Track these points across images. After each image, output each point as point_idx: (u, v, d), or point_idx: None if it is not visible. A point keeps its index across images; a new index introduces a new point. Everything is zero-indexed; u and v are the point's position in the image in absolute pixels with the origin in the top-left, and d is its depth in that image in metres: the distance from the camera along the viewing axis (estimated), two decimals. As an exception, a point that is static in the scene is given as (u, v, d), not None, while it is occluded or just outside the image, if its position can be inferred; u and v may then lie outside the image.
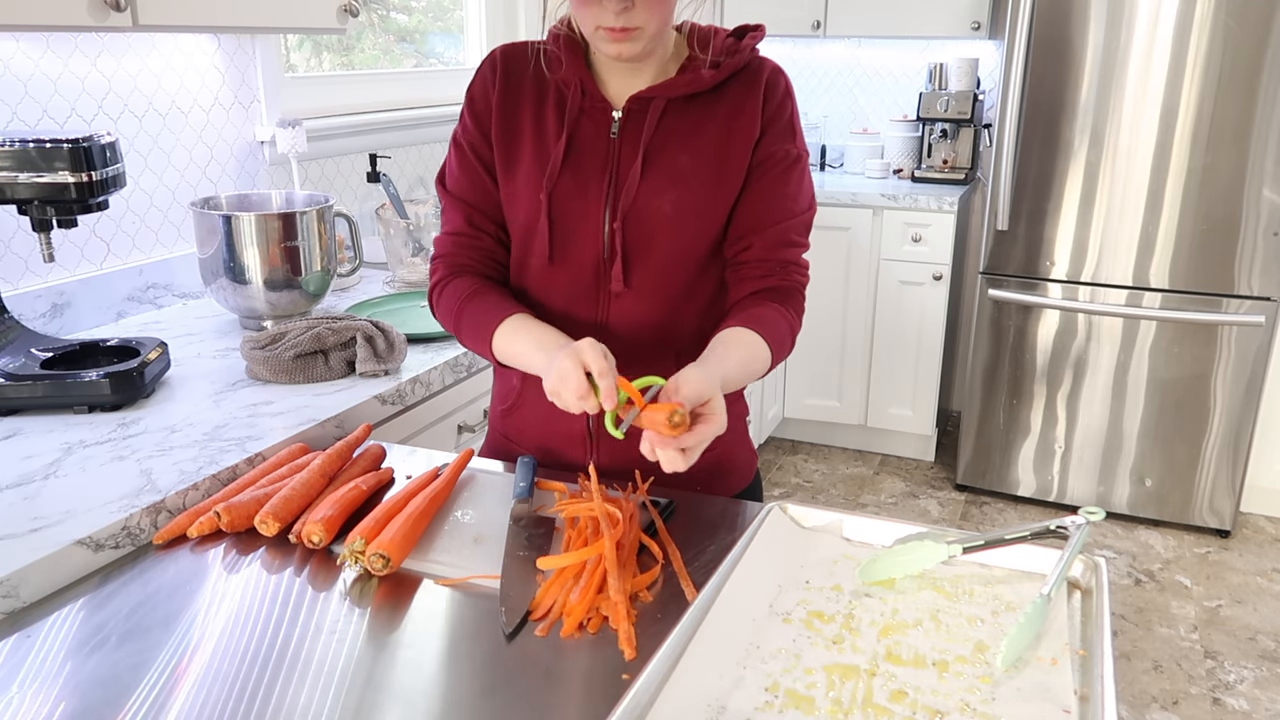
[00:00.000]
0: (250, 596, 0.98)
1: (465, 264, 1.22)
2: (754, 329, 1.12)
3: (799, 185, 1.20)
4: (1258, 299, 2.91)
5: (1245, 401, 2.99)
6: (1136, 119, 2.90)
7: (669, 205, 1.15)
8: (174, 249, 1.95)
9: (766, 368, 1.14)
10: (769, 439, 3.80)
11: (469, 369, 1.67)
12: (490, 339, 1.15)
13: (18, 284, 1.66)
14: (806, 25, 3.56)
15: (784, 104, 1.18)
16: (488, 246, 1.22)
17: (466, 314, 1.18)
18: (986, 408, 3.30)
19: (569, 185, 1.16)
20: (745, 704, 0.80)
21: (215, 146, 2.03)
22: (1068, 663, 0.86)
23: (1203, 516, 3.12)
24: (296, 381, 1.48)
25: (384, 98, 2.59)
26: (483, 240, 1.22)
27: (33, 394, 1.33)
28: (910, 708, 0.80)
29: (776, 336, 1.14)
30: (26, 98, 1.64)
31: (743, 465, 1.34)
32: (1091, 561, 0.98)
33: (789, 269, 1.19)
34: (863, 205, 3.40)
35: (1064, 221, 3.06)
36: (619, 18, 1.05)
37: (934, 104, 3.58)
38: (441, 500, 1.13)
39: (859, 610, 0.94)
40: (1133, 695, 2.38)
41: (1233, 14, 2.74)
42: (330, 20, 1.78)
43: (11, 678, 0.85)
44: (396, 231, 2.06)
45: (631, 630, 0.91)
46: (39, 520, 1.06)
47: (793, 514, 1.09)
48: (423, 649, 0.90)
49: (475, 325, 1.17)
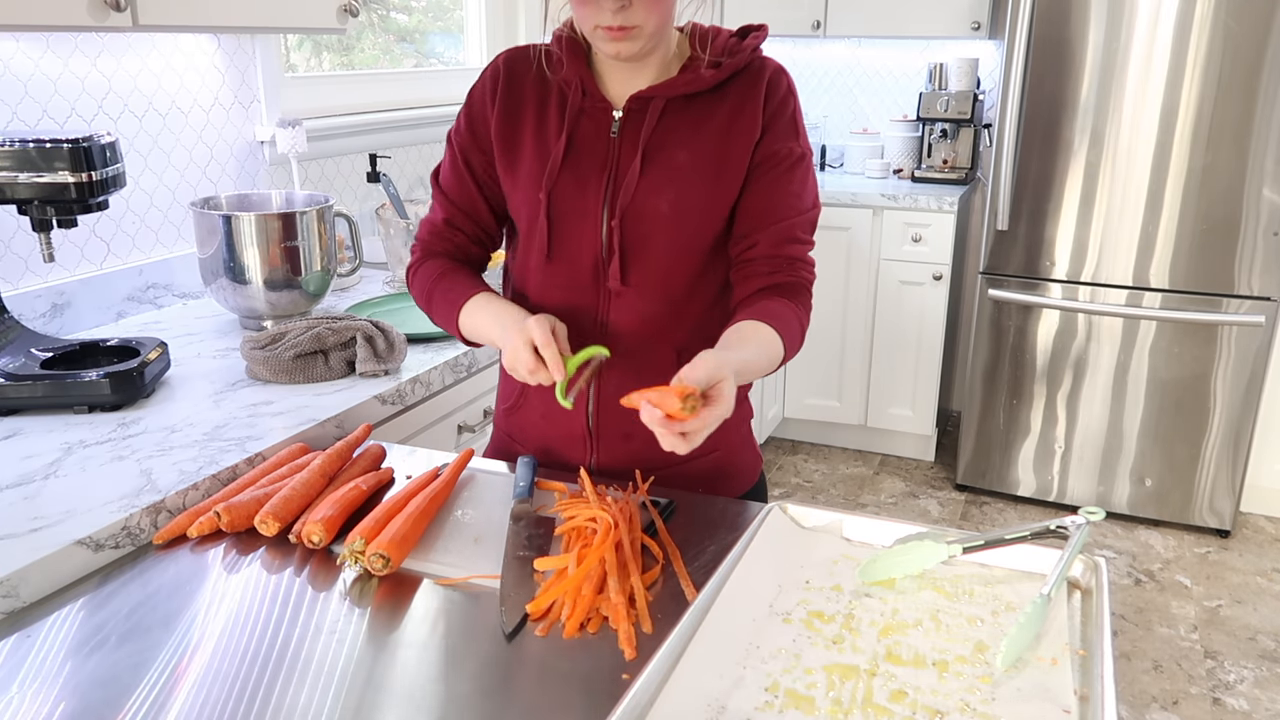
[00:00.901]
0: (250, 596, 0.98)
1: (439, 250, 1.27)
2: (766, 322, 1.11)
3: (803, 183, 1.19)
4: (1258, 299, 2.91)
5: (1245, 401, 2.99)
6: (1136, 119, 2.90)
7: (666, 204, 1.16)
8: (174, 249, 1.95)
9: (780, 360, 1.13)
10: (769, 439, 3.80)
11: (469, 369, 1.67)
12: (457, 316, 1.21)
13: (18, 284, 1.66)
14: (806, 25, 3.56)
15: (786, 102, 1.18)
16: (461, 243, 1.28)
17: (437, 292, 1.23)
18: (986, 408, 3.30)
19: (568, 184, 1.17)
20: (745, 704, 0.80)
21: (215, 146, 2.03)
22: (1068, 663, 0.86)
23: (1203, 516, 3.12)
24: (296, 381, 1.48)
25: (384, 98, 2.59)
26: (457, 237, 1.27)
27: (33, 394, 1.33)
28: (910, 708, 0.80)
29: (788, 330, 1.13)
30: (26, 98, 1.65)
31: (747, 468, 1.34)
32: (1091, 561, 0.98)
33: (795, 265, 1.19)
34: (863, 205, 3.40)
35: (1064, 221, 3.06)
36: (616, 16, 1.06)
37: (934, 104, 3.58)
38: (441, 500, 1.13)
39: (859, 610, 0.94)
40: (1133, 695, 2.38)
41: (1233, 14, 2.74)
42: (330, 20, 1.78)
43: (11, 678, 0.85)
44: (396, 231, 2.06)
45: (631, 630, 0.91)
46: (39, 520, 1.06)
47: (793, 514, 1.09)
48: (423, 649, 0.90)
49: (444, 303, 1.22)
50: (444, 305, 1.22)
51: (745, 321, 1.12)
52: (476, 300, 1.20)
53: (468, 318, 1.20)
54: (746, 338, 1.10)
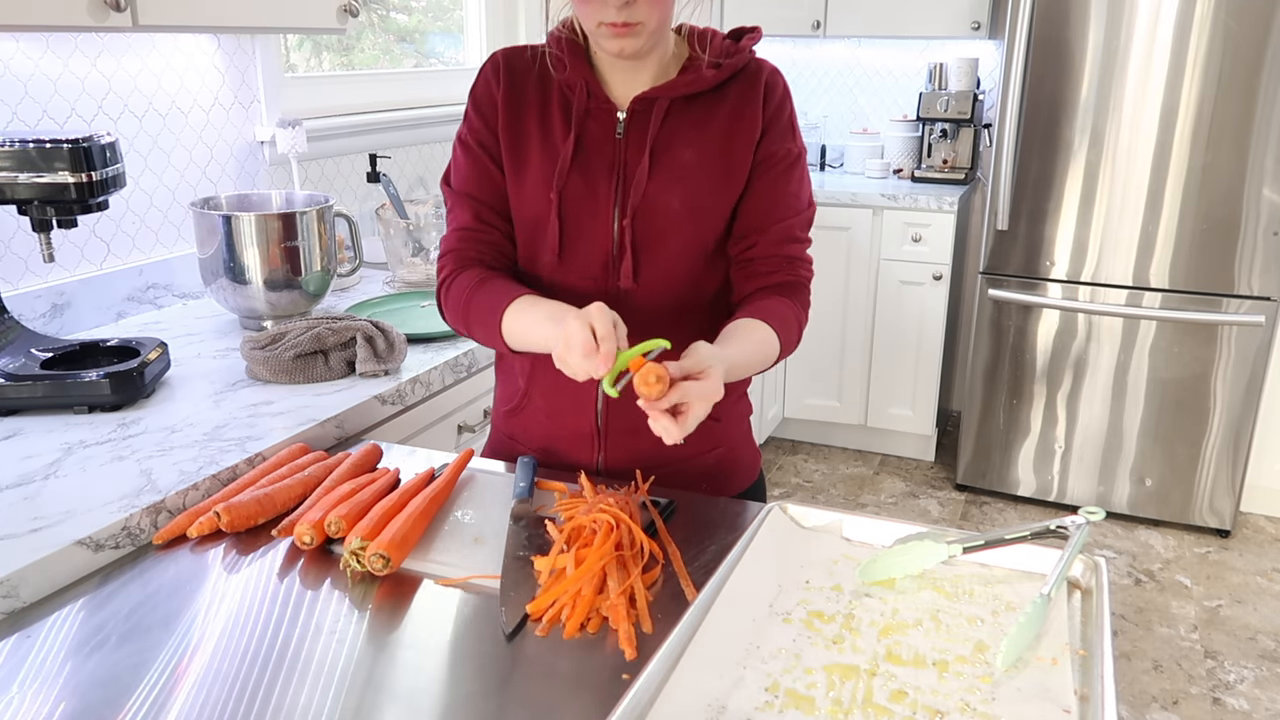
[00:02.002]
0: (250, 596, 0.98)
1: (473, 257, 1.21)
2: (763, 320, 1.14)
3: (800, 183, 1.22)
4: (1258, 299, 2.91)
5: (1245, 401, 2.99)
6: (1136, 119, 2.90)
7: (677, 201, 1.17)
8: (174, 249, 1.95)
9: (775, 357, 1.16)
10: (769, 439, 3.80)
11: (469, 369, 1.67)
12: (500, 321, 1.12)
13: (18, 284, 1.66)
14: (806, 25, 3.56)
15: (783, 103, 1.20)
16: (495, 240, 1.22)
17: (475, 301, 1.16)
18: (986, 408, 3.30)
19: (578, 184, 1.17)
20: (745, 704, 0.80)
21: (215, 146, 2.03)
22: (1068, 663, 0.86)
23: (1203, 516, 3.12)
24: (296, 381, 1.48)
25: (384, 98, 2.59)
26: (491, 234, 1.21)
27: (33, 394, 1.33)
28: (910, 708, 0.80)
29: (785, 328, 1.16)
30: (26, 98, 1.64)
31: (747, 466, 1.34)
32: (1091, 561, 0.98)
33: (795, 264, 1.21)
34: (863, 205, 3.40)
35: (1064, 221, 3.06)
36: (620, 12, 1.06)
37: (934, 104, 3.58)
38: (441, 500, 1.13)
39: (859, 610, 0.94)
40: (1133, 695, 2.38)
41: (1233, 14, 2.74)
42: (330, 20, 1.78)
43: (11, 678, 0.85)
44: (396, 231, 2.06)
45: (631, 630, 0.91)
46: (39, 520, 1.06)
47: (793, 514, 1.09)
48: (423, 649, 0.90)
49: (484, 310, 1.14)
50: (483, 311, 1.14)
51: (742, 320, 1.14)
52: (521, 302, 1.12)
53: (512, 320, 1.11)
54: (742, 334, 1.12)
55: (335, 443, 1.37)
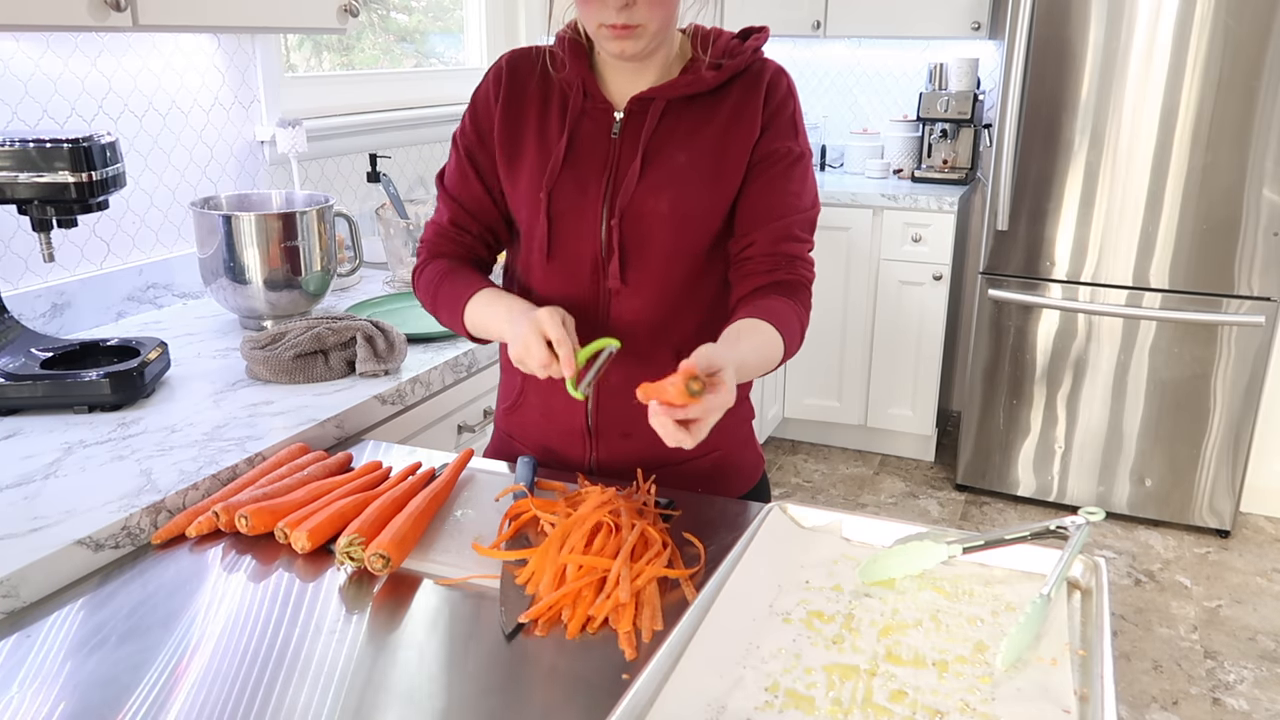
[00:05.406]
0: (250, 596, 0.98)
1: (444, 251, 1.27)
2: (766, 320, 1.11)
3: (802, 182, 1.19)
4: (1258, 299, 2.91)
5: (1245, 401, 2.99)
6: (1136, 119, 2.90)
7: (666, 204, 1.16)
8: (174, 249, 1.95)
9: (780, 358, 1.12)
10: (769, 439, 3.80)
11: (469, 369, 1.67)
12: (462, 311, 1.20)
13: (18, 284, 1.66)
14: (807, 25, 3.56)
15: (785, 103, 1.18)
16: (467, 243, 1.27)
17: (442, 290, 1.23)
18: (986, 408, 3.30)
19: (569, 184, 1.17)
20: (745, 704, 0.80)
21: (215, 146, 2.03)
22: (1068, 663, 0.86)
23: (1203, 516, 3.12)
24: (296, 381, 1.48)
25: (384, 98, 2.59)
26: (463, 236, 1.27)
27: (33, 394, 1.33)
28: (910, 708, 0.80)
29: (788, 328, 1.12)
30: (26, 98, 1.64)
31: (748, 467, 1.34)
32: (1091, 562, 0.98)
33: (794, 264, 1.18)
34: (863, 205, 3.40)
35: (1064, 221, 3.06)
36: (620, 14, 1.06)
37: (934, 104, 3.58)
38: (441, 500, 1.13)
39: (859, 610, 0.94)
40: (1133, 695, 2.38)
41: (1233, 14, 2.74)
42: (330, 20, 1.78)
43: (11, 678, 0.85)
44: (396, 231, 2.06)
45: (631, 630, 0.91)
46: (39, 520, 1.06)
47: (793, 514, 1.09)
48: (423, 649, 0.90)
49: (449, 299, 1.22)
50: (449, 301, 1.22)
51: (745, 319, 1.11)
52: (482, 295, 1.19)
53: (473, 312, 1.19)
54: (746, 334, 1.09)
55: (335, 443, 1.37)
